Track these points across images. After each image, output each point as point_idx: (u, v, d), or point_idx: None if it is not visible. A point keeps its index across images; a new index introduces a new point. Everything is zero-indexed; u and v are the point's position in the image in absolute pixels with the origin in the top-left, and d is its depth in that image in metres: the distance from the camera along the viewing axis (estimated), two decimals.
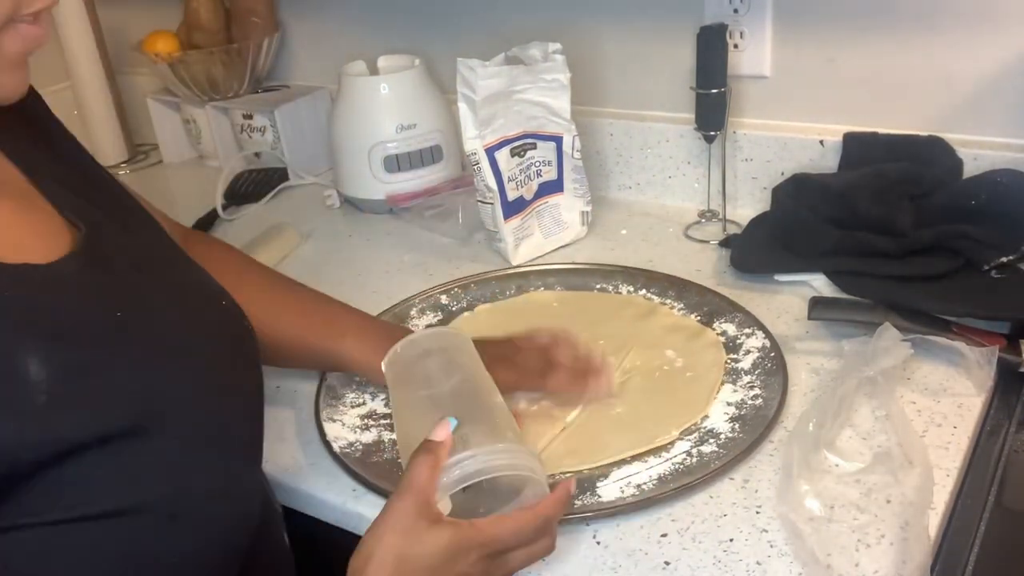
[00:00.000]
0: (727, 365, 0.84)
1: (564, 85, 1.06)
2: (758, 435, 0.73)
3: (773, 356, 0.83)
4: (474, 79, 1.01)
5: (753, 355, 0.84)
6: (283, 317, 0.80)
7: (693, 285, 0.96)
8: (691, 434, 0.76)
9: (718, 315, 0.91)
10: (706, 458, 0.72)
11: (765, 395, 0.79)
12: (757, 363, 0.83)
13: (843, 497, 0.67)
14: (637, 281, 1.00)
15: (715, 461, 0.72)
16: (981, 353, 0.77)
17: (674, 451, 0.74)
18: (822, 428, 0.72)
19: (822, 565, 0.61)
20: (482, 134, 1.04)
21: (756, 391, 0.80)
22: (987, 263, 0.88)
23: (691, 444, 0.75)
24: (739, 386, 0.81)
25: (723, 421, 0.77)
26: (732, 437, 0.74)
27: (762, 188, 1.11)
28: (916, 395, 0.77)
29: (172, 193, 1.51)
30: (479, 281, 1.03)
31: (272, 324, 0.78)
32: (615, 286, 1.00)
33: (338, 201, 1.31)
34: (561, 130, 1.08)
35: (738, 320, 0.90)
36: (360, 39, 1.39)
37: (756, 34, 1.07)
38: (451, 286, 1.02)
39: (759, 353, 0.84)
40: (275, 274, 0.87)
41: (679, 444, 0.75)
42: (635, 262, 1.04)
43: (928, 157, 0.99)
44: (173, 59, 1.42)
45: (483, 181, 1.06)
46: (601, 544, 0.66)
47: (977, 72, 0.96)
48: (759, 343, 0.86)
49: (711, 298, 0.94)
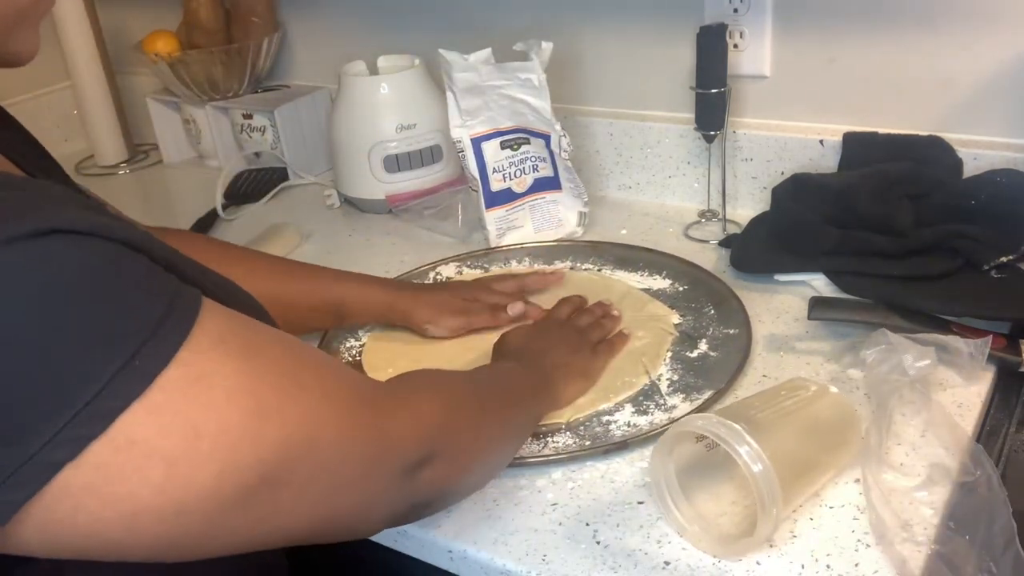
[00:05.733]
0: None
1: (537, 86, 1.06)
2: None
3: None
4: (451, 70, 1.04)
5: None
6: (291, 285, 0.88)
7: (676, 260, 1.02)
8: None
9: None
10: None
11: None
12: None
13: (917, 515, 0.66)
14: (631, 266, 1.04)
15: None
16: (974, 344, 0.77)
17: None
18: (880, 446, 0.70)
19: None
20: (467, 123, 1.06)
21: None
22: (987, 263, 0.88)
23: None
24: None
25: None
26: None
27: (762, 188, 1.11)
28: (916, 395, 0.77)
29: (172, 193, 1.51)
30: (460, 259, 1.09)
31: (280, 296, 0.83)
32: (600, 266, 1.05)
33: (338, 201, 1.31)
34: (547, 128, 1.09)
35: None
36: (360, 39, 1.39)
37: (756, 34, 1.07)
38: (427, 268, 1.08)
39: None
40: (272, 258, 0.97)
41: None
42: None
43: (928, 157, 0.99)
44: (173, 59, 1.42)
45: (468, 169, 1.09)
46: (601, 544, 0.66)
47: (977, 72, 0.96)
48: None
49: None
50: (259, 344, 0.48)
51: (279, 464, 0.45)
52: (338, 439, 0.49)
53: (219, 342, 0.44)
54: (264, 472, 0.45)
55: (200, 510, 0.43)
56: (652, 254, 1.04)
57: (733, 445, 0.60)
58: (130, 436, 0.40)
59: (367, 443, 0.52)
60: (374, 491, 0.53)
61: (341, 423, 0.50)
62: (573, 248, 1.09)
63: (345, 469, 0.50)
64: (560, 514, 0.70)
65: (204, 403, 0.42)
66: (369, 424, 0.52)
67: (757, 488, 0.60)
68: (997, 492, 0.65)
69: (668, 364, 0.86)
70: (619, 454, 0.75)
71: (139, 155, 1.62)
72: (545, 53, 1.07)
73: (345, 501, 0.52)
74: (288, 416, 0.46)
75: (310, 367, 0.50)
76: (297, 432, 0.46)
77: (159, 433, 0.41)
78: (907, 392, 0.75)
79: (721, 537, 0.64)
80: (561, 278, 1.01)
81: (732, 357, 0.84)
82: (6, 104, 0.66)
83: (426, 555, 0.71)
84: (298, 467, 0.47)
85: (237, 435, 0.43)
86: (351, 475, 0.51)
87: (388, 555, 0.73)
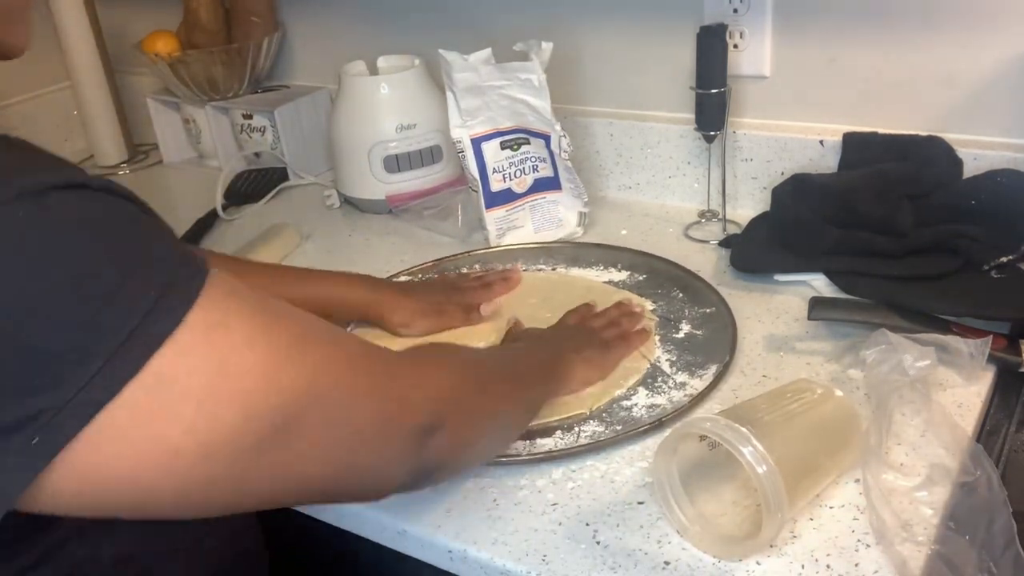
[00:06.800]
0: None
1: (537, 86, 1.07)
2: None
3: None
4: (451, 70, 1.04)
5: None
6: (281, 288, 0.88)
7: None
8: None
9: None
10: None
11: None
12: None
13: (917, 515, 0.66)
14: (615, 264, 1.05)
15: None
16: (974, 344, 0.77)
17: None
18: (880, 446, 0.70)
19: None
20: (467, 123, 1.07)
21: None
22: (987, 263, 0.88)
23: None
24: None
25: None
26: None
27: (762, 188, 1.11)
28: (916, 395, 0.77)
29: (172, 193, 1.51)
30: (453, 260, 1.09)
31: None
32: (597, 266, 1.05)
33: (338, 201, 1.31)
34: (547, 128, 1.09)
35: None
36: (360, 39, 1.39)
37: (756, 34, 1.07)
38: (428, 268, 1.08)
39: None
40: (262, 264, 0.98)
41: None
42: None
43: (928, 157, 0.99)
44: (173, 59, 1.41)
45: (468, 170, 1.09)
46: (601, 544, 0.66)
47: (977, 72, 0.96)
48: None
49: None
50: (268, 302, 0.49)
51: (294, 414, 0.47)
52: (352, 394, 0.51)
53: (232, 292, 0.46)
54: (282, 418, 0.46)
55: (225, 453, 0.44)
56: (602, 249, 1.06)
57: (740, 448, 0.60)
58: (161, 376, 0.42)
59: (380, 401, 0.53)
60: (389, 450, 0.54)
61: (354, 379, 0.52)
62: (524, 252, 1.09)
63: (360, 424, 0.52)
64: (560, 514, 0.69)
65: (226, 344, 0.44)
66: (381, 384, 0.54)
67: (763, 491, 0.60)
68: (997, 492, 0.65)
69: (660, 347, 0.88)
70: (651, 435, 0.76)
71: (139, 155, 1.62)
72: (545, 53, 1.07)
73: (360, 459, 0.53)
74: (303, 365, 0.48)
75: (319, 327, 0.52)
76: (314, 381, 0.48)
77: (188, 372, 0.42)
78: (907, 392, 0.75)
79: (722, 537, 0.64)
80: (518, 277, 1.01)
81: (720, 333, 0.87)
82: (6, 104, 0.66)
83: (426, 555, 0.71)
84: (313, 416, 0.48)
85: (257, 377, 0.45)
86: (366, 431, 0.52)
87: (388, 555, 0.73)
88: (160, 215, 0.47)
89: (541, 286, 1.01)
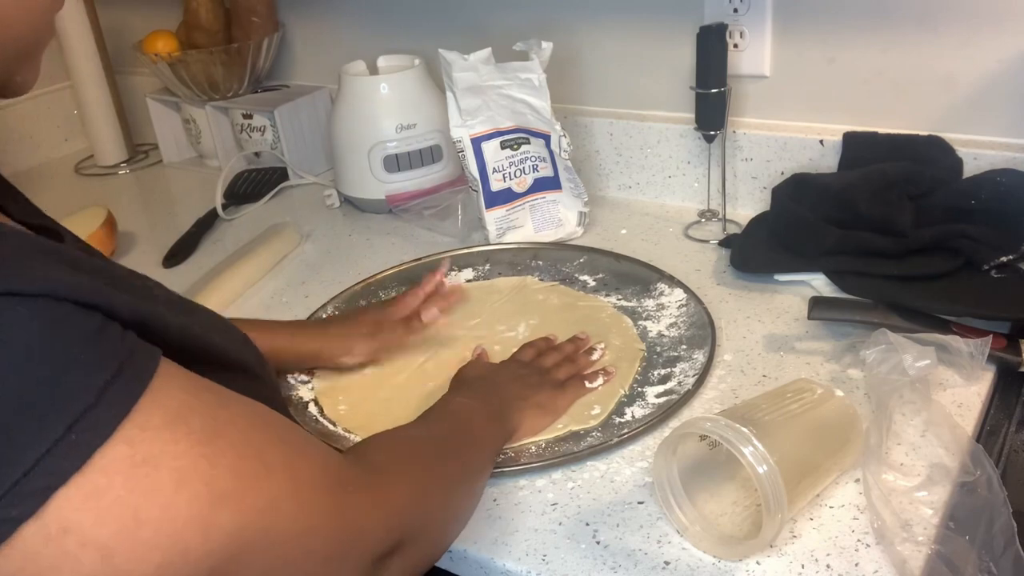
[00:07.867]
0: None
1: (537, 86, 1.07)
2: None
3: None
4: (451, 70, 1.04)
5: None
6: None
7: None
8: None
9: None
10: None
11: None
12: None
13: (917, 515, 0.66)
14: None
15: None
16: (974, 344, 0.77)
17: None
18: (880, 446, 0.70)
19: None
20: (467, 123, 1.07)
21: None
22: (987, 263, 0.88)
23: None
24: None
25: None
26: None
27: (762, 188, 1.11)
28: (916, 395, 0.77)
29: (172, 193, 1.51)
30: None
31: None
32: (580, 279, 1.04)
33: (338, 201, 1.31)
34: (547, 128, 1.09)
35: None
36: (360, 39, 1.39)
37: (756, 34, 1.07)
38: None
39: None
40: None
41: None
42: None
43: (928, 157, 0.99)
44: (173, 59, 1.41)
45: (468, 169, 1.09)
46: (601, 544, 0.66)
47: (977, 72, 0.96)
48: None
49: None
50: (223, 420, 0.44)
51: (232, 557, 0.42)
52: (300, 531, 0.46)
53: (175, 418, 0.41)
54: (214, 565, 0.41)
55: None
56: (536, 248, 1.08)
57: (741, 448, 0.60)
58: (63, 523, 0.37)
59: (332, 536, 0.48)
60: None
61: (304, 513, 0.46)
62: (468, 256, 1.08)
63: (307, 564, 0.47)
64: (560, 514, 0.70)
65: (148, 487, 0.39)
66: (335, 514, 0.49)
67: (763, 491, 0.60)
68: (997, 492, 0.65)
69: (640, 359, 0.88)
70: (651, 435, 0.76)
71: (139, 155, 1.62)
72: (545, 53, 1.07)
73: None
74: (246, 503, 0.42)
75: (277, 445, 0.47)
76: (255, 521, 0.43)
77: (96, 520, 0.37)
78: (907, 392, 0.75)
79: (722, 537, 0.64)
80: (447, 283, 0.96)
81: (701, 330, 0.88)
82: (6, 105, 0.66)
83: None
84: (253, 560, 0.43)
85: (184, 523, 0.40)
86: (313, 571, 0.47)
87: None
88: (160, 215, 0.44)
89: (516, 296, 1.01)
